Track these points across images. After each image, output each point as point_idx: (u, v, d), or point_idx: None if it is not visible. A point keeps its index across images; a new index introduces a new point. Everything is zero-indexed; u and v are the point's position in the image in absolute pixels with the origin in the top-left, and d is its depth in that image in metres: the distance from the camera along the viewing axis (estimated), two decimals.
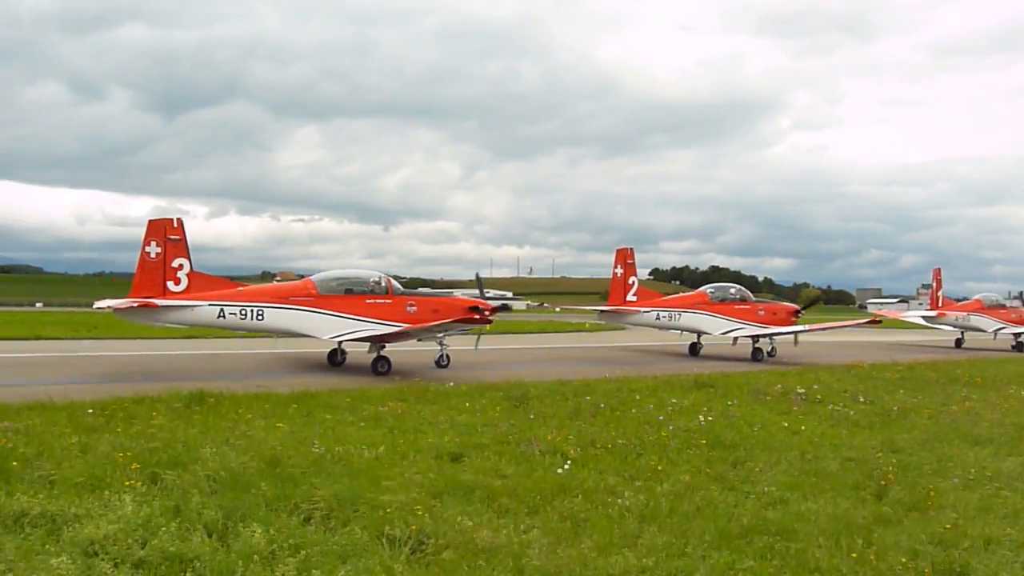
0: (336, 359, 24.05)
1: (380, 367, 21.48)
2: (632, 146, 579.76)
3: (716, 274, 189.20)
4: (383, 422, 12.42)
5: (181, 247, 20.78)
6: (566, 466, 9.68)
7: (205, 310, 20.67)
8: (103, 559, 6.17)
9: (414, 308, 22.56)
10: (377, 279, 23.09)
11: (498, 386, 16.55)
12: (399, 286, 23.85)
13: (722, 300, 31.87)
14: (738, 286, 34.22)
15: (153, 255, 20.52)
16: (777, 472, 9.89)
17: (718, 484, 9.28)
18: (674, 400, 15.45)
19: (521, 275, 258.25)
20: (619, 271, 30.88)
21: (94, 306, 23.12)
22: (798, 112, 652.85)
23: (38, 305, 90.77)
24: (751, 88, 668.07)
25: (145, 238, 20.60)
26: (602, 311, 32.52)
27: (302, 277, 25.12)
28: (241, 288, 22.20)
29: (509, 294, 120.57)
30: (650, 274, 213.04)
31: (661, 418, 13.25)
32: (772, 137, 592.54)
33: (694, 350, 32.33)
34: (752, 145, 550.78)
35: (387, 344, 22.26)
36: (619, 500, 8.36)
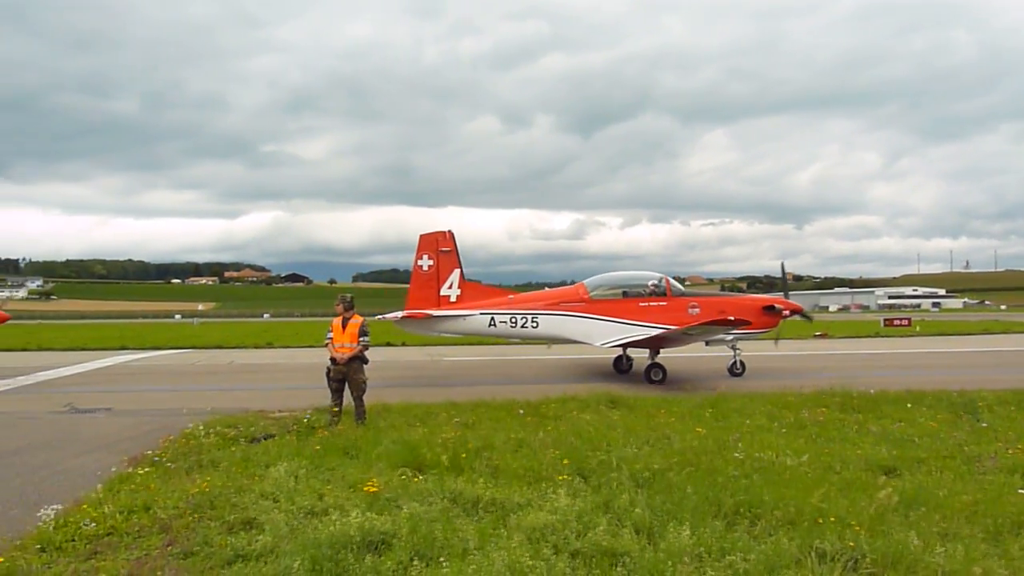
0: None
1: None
2: None
3: None
4: (805, 429, 11.82)
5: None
6: None
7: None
8: (544, 546, 6.63)
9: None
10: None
11: (937, 394, 14.85)
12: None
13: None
14: None
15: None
16: None
17: None
18: None
19: (955, 270, 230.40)
20: None
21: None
22: None
23: None
24: None
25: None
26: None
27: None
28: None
29: (941, 291, 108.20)
30: None
31: None
32: None
33: None
34: None
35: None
36: None
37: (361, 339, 12.89)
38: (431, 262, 21.83)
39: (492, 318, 21.29)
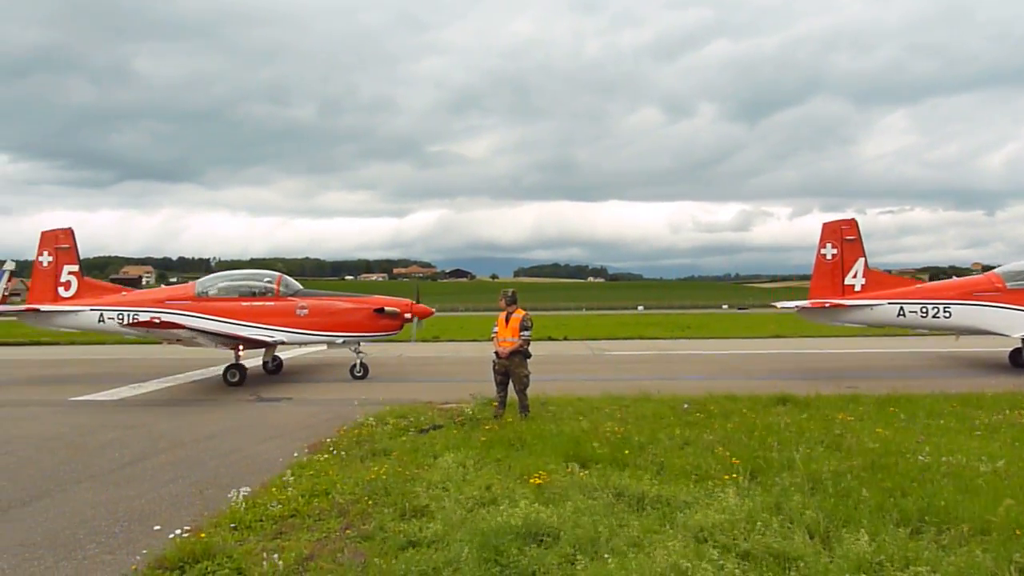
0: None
1: None
2: None
3: None
4: (999, 432, 10.92)
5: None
6: None
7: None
8: (711, 546, 6.47)
9: None
10: None
11: None
12: None
13: None
14: None
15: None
16: None
17: None
18: None
19: None
20: None
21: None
22: None
23: (639, 308, 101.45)
24: None
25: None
26: None
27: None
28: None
29: None
30: None
31: None
32: None
33: None
34: None
35: None
36: None
37: (523, 333, 13.05)
38: (835, 251, 21.77)
39: (901, 308, 21.02)
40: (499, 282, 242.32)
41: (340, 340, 20.96)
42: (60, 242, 23.11)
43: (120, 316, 22.00)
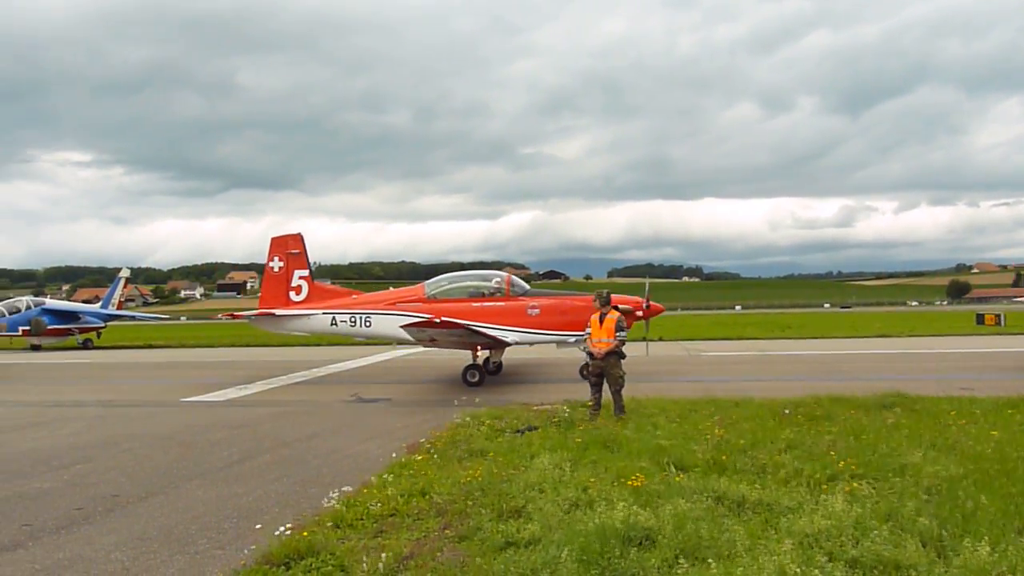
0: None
1: None
2: None
3: None
4: None
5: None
6: None
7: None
8: (817, 552, 6.25)
9: None
10: None
11: None
12: None
13: None
14: None
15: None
16: None
17: None
18: None
19: None
20: None
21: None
22: None
23: (737, 308, 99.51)
24: None
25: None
26: None
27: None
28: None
29: None
30: None
31: None
32: None
33: None
34: None
35: None
36: None
37: (618, 334, 12.94)
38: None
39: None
40: (593, 283, 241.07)
41: (572, 339, 20.32)
42: (290, 247, 23.39)
43: (352, 319, 22.08)
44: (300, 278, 23.20)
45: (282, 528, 7.53)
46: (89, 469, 11.05)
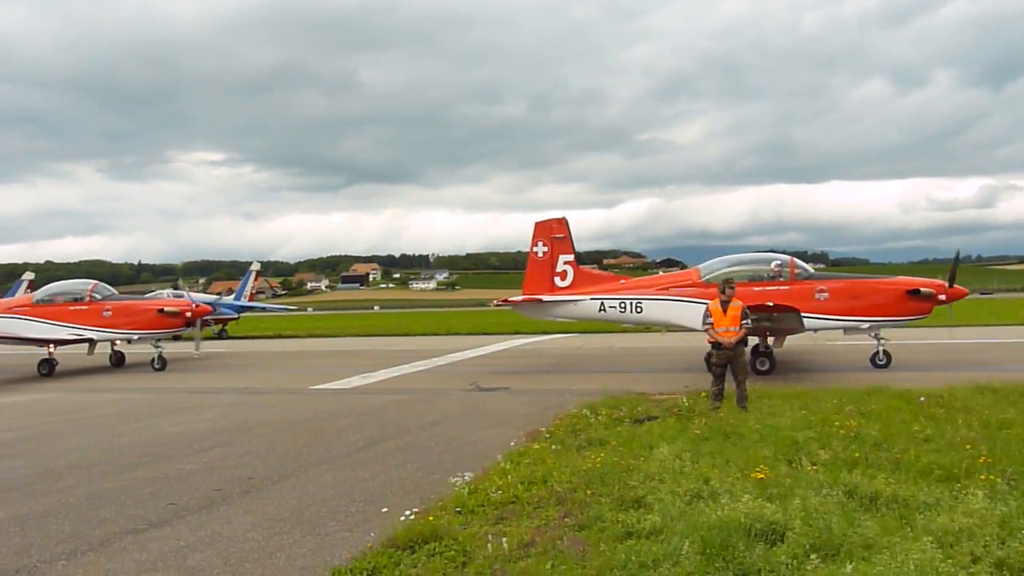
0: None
1: None
2: None
3: None
4: None
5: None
6: None
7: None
8: (958, 551, 5.91)
9: None
10: None
11: None
12: None
13: None
14: None
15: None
16: None
17: None
18: None
19: None
20: None
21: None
22: None
23: None
24: None
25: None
26: None
27: None
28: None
29: None
30: None
31: None
32: None
33: None
34: None
35: None
36: None
37: (743, 322, 12.62)
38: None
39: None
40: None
41: (866, 325, 19.38)
42: (554, 232, 22.68)
43: (622, 305, 21.12)
44: (565, 263, 22.40)
45: (407, 513, 7.73)
46: (226, 453, 11.65)
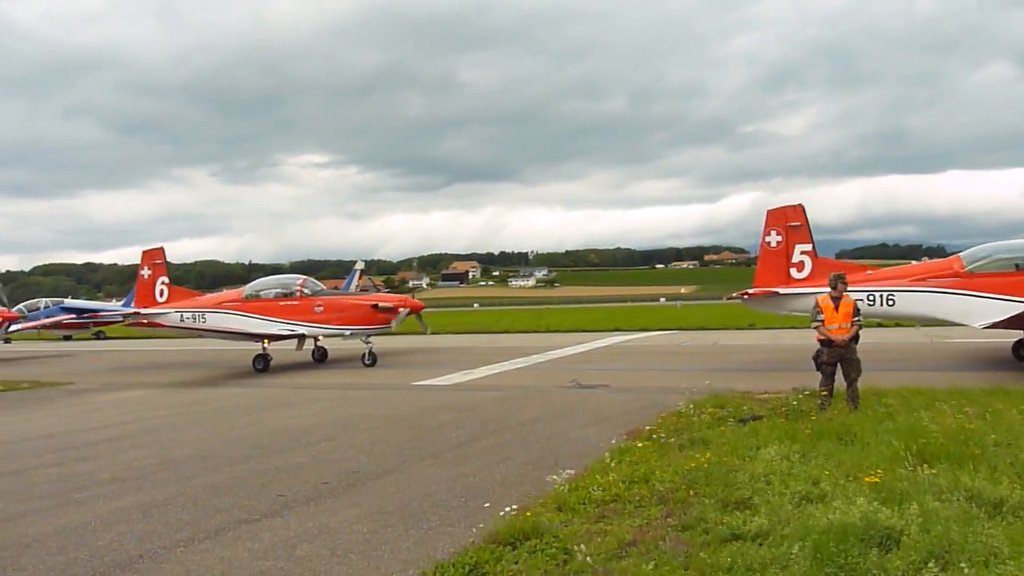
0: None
1: None
2: None
3: None
4: None
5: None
6: None
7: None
8: None
9: None
10: None
11: None
12: None
13: None
14: None
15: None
16: None
17: None
18: None
19: None
20: None
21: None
22: None
23: None
24: None
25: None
26: None
27: None
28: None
29: None
30: None
31: None
32: None
33: None
34: None
35: None
36: None
37: (855, 318, 12.14)
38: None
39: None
40: None
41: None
42: (790, 220, 21.35)
43: (871, 298, 19.48)
44: (802, 253, 21.01)
45: (508, 508, 7.75)
46: (333, 447, 11.96)
